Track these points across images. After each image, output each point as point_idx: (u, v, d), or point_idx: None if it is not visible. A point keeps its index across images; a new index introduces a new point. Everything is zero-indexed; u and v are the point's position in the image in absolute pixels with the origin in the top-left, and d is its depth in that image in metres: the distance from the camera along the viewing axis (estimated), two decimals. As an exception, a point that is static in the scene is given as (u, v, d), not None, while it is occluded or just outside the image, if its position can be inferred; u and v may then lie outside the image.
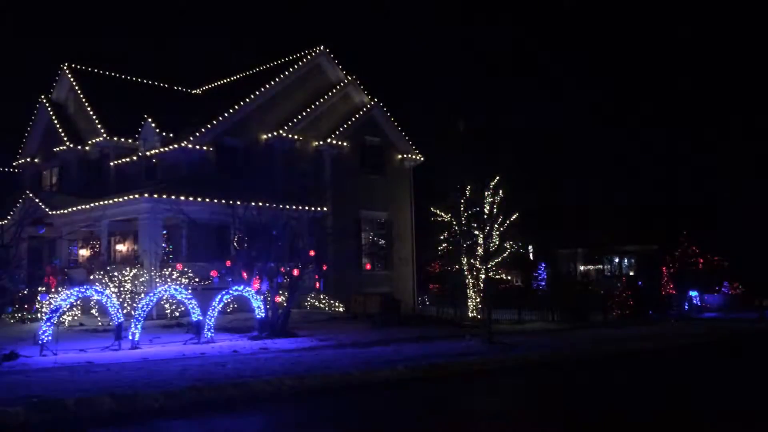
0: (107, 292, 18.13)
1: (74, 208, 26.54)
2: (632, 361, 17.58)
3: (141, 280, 22.93)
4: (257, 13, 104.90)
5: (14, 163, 34.89)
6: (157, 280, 22.92)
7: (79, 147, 30.82)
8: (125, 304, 21.46)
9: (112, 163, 30.04)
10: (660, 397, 11.74)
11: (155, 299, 18.31)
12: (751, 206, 52.64)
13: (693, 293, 38.63)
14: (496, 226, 30.28)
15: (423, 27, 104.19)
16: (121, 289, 22.51)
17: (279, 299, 20.22)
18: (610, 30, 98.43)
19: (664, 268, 39.20)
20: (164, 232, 25.10)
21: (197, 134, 27.17)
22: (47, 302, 21.50)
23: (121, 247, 28.74)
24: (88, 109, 30.66)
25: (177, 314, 22.48)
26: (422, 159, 33.92)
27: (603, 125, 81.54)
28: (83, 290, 17.12)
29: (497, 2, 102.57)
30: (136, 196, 23.82)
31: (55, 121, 32.07)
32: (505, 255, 30.75)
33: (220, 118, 27.96)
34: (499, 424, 9.48)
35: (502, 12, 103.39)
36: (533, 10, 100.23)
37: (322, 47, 32.18)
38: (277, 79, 30.24)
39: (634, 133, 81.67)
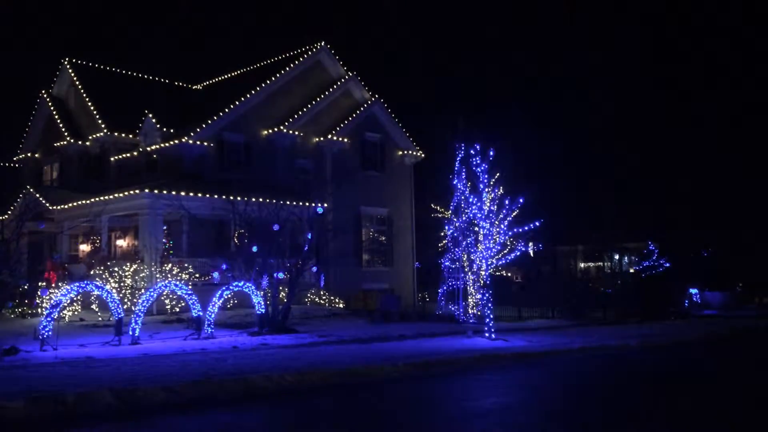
0: (107, 287, 18.13)
1: (75, 203, 26.53)
2: (631, 359, 17.59)
3: (141, 275, 22.93)
4: (258, 9, 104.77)
5: (15, 158, 34.87)
6: (158, 275, 22.92)
7: (80, 142, 30.81)
8: (125, 300, 21.48)
9: (112, 158, 30.03)
10: (656, 396, 11.74)
11: (155, 295, 18.32)
12: (751, 204, 52.62)
13: (693, 290, 38.64)
14: (496, 222, 30.25)
15: (423, 25, 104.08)
16: (122, 284, 22.52)
17: (279, 295, 20.23)
18: (610, 27, 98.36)
19: (663, 266, 39.16)
20: (164, 227, 25.10)
21: (198, 130, 27.15)
22: (47, 297, 21.52)
23: (122, 243, 28.75)
24: (89, 104, 30.64)
25: (177, 310, 22.49)
26: (423, 155, 33.92)
27: (603, 123, 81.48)
28: (83, 285, 17.13)
29: (498, 1, 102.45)
30: (137, 191, 23.81)
31: (56, 116, 32.04)
32: (505, 252, 30.74)
33: (221, 114, 27.94)
34: (500, 422, 9.48)
35: (503, 11, 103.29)
36: (534, 9, 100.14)
37: (322, 43, 32.14)
38: (277, 75, 30.20)
39: (634, 131, 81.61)
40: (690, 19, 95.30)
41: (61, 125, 31.47)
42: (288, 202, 24.73)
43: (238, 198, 22.71)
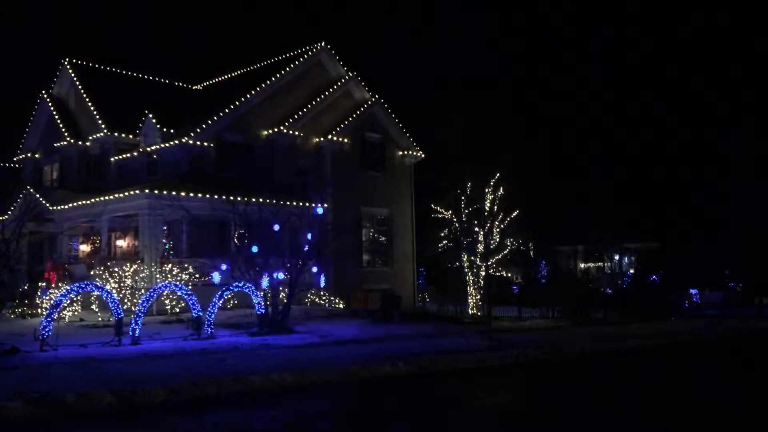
0: (107, 287, 18.14)
1: (75, 204, 26.54)
2: (631, 360, 17.59)
3: (141, 275, 22.93)
4: (258, 9, 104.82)
5: (15, 159, 34.87)
6: (158, 275, 22.93)
7: (80, 142, 30.81)
8: (125, 300, 21.49)
9: (112, 159, 30.04)
10: (655, 396, 11.74)
11: (155, 295, 18.32)
12: (752, 204, 52.62)
13: (693, 291, 38.66)
14: (496, 223, 30.32)
15: (423, 25, 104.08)
16: (122, 284, 22.53)
17: (279, 295, 20.22)
18: (610, 26, 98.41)
19: (664, 266, 39.22)
20: (164, 227, 25.10)
21: (198, 130, 27.15)
22: (48, 297, 21.53)
23: (122, 243, 28.75)
24: (89, 104, 30.64)
25: (177, 310, 22.50)
26: (423, 156, 33.91)
27: (603, 123, 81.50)
28: (83, 286, 17.14)
29: (498, 2, 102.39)
30: (137, 191, 23.81)
31: (56, 116, 32.04)
32: (505, 252, 30.80)
33: (221, 114, 27.94)
34: (499, 421, 9.49)
35: (503, 10, 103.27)
36: (535, 10, 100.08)
37: (323, 43, 32.14)
38: (278, 75, 30.21)
39: (634, 131, 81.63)
40: (691, 18, 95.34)
41: (61, 125, 31.47)
42: (288, 202, 24.73)
43: (238, 198, 22.71)
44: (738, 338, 24.08)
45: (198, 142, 27.08)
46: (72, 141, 30.72)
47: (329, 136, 30.35)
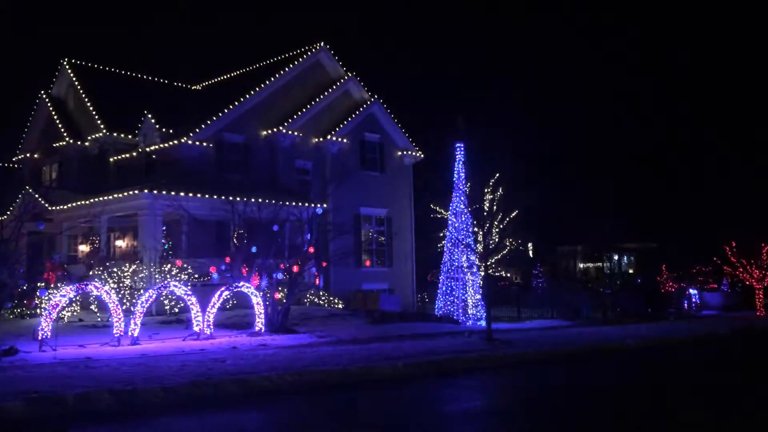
0: (106, 287, 18.11)
1: (74, 204, 26.52)
2: (629, 359, 17.59)
3: (140, 275, 22.92)
4: (258, 9, 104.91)
5: (14, 159, 34.85)
6: (157, 276, 22.91)
7: (79, 142, 30.79)
8: (124, 300, 21.46)
9: (111, 159, 30.01)
10: (653, 397, 11.75)
11: (154, 295, 18.30)
12: (752, 204, 52.66)
13: (692, 291, 38.62)
14: (495, 223, 30.30)
15: (423, 25, 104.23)
16: (121, 284, 22.51)
17: (278, 296, 20.22)
18: (609, 26, 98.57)
19: (663, 266, 39.22)
20: (164, 227, 25.08)
21: (197, 130, 27.14)
22: (46, 298, 21.50)
23: (121, 243, 28.73)
24: (88, 104, 30.61)
25: (176, 310, 22.48)
26: (422, 156, 33.92)
27: (602, 123, 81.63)
28: (83, 286, 17.12)
29: (497, 2, 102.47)
30: (136, 191, 23.80)
31: (55, 117, 32.02)
32: (504, 252, 30.82)
33: (220, 114, 27.94)
34: (498, 421, 9.49)
35: (503, 11, 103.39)
36: (534, 9, 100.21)
37: (322, 43, 32.15)
38: (277, 75, 30.21)
39: (634, 131, 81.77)
40: (692, 20, 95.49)
41: (60, 126, 31.44)
42: (287, 203, 24.72)
43: (238, 198, 22.69)
44: (738, 338, 24.09)
45: (197, 142, 27.07)
46: (71, 141, 30.69)
47: (328, 136, 30.36)
